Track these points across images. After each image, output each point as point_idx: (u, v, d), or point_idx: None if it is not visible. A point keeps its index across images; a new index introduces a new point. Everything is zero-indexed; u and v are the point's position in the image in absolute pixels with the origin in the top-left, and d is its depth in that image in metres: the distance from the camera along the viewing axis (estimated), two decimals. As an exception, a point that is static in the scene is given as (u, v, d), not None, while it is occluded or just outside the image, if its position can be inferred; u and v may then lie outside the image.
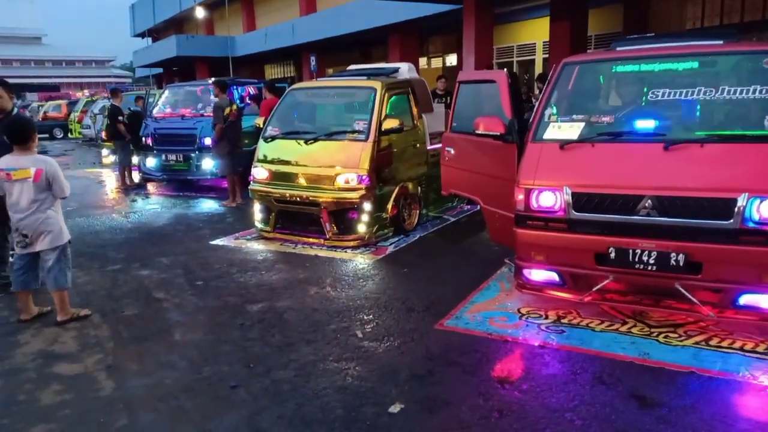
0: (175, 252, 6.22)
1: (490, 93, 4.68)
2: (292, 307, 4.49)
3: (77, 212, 8.56)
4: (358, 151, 6.09)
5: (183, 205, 9.02)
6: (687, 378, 3.24)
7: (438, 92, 10.32)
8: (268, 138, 6.69)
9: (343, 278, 5.17)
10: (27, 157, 4.29)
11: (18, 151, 4.23)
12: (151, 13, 35.50)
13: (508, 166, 4.28)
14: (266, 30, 24.46)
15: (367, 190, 6.03)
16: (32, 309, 4.42)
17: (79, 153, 18.92)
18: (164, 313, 4.50)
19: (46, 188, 4.27)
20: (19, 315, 4.38)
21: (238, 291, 4.91)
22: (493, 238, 4.89)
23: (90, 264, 5.83)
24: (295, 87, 7.26)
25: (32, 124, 4.57)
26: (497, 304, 4.41)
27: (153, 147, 10.22)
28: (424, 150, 6.94)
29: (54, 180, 4.28)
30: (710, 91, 3.82)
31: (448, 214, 7.51)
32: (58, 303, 4.37)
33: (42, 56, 72.09)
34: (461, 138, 4.94)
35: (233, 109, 8.57)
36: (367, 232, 6.15)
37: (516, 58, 17.35)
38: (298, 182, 6.32)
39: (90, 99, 23.73)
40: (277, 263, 5.73)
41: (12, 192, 4.22)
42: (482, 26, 12.31)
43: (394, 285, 4.96)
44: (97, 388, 3.37)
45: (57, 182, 4.29)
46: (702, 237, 3.50)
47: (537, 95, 10.20)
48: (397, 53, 17.59)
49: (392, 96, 6.53)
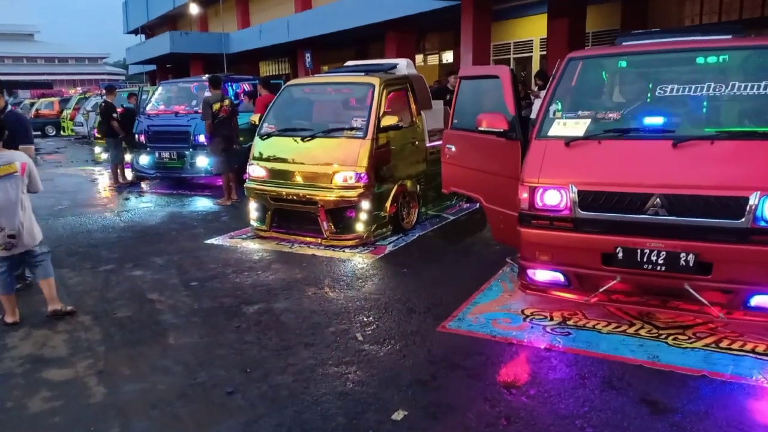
0: (169, 251, 6.08)
1: (492, 89, 4.58)
2: (290, 309, 4.37)
3: (69, 211, 8.41)
4: (356, 148, 5.96)
5: (177, 204, 8.87)
6: (699, 382, 3.14)
7: (449, 88, 10.23)
8: (264, 135, 6.55)
9: (341, 278, 5.05)
10: (6, 153, 4.14)
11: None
12: (144, 9, 35.22)
13: (512, 163, 4.17)
14: (261, 26, 24.28)
15: (365, 189, 5.91)
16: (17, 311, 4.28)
17: (71, 150, 18.70)
18: (158, 315, 4.37)
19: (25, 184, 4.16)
20: (5, 318, 4.24)
21: (234, 292, 4.79)
22: (497, 238, 4.78)
23: (81, 264, 5.69)
24: (291, 83, 7.13)
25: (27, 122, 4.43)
26: (500, 305, 4.30)
27: (146, 144, 10.06)
28: (423, 147, 6.82)
29: (31, 175, 4.19)
30: (720, 87, 3.72)
31: (447, 213, 7.40)
32: (49, 292, 4.29)
33: (35, 53, 71.47)
34: (463, 135, 4.83)
35: (224, 104, 8.31)
36: (365, 231, 6.03)
37: (513, 55, 17.26)
38: (294, 180, 6.19)
39: (82, 96, 23.43)
40: (273, 263, 5.61)
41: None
42: (480, 23, 12.22)
43: (394, 285, 4.84)
44: (88, 394, 3.25)
45: (34, 177, 4.23)
46: (712, 236, 3.40)
47: (535, 92, 10.10)
48: (393, 50, 17.47)
49: (391, 92, 6.40)
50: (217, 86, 8.50)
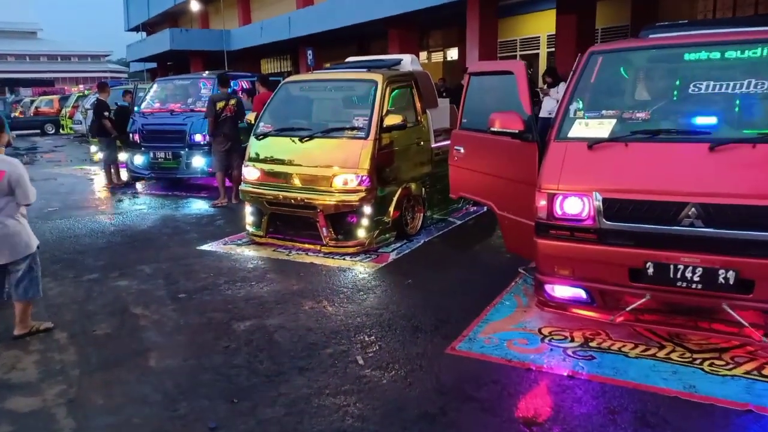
0: (159, 259, 5.72)
1: (504, 86, 4.20)
2: (284, 326, 4.01)
3: (59, 213, 8.06)
4: (357, 149, 5.59)
5: (171, 206, 8.51)
6: (744, 418, 2.77)
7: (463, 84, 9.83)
8: (259, 135, 6.18)
9: (341, 290, 4.68)
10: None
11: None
12: (145, 6, 34.81)
13: (528, 167, 3.79)
14: (262, 23, 23.89)
15: (367, 192, 5.54)
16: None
17: (69, 149, 18.39)
18: (140, 332, 4.01)
19: (8, 193, 3.78)
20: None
21: (225, 305, 4.43)
22: (510, 248, 4.40)
23: (64, 273, 5.33)
24: (289, 80, 6.75)
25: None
26: (515, 323, 3.92)
27: (141, 144, 9.70)
28: (428, 148, 6.44)
29: (17, 184, 3.80)
30: (762, 84, 3.33)
31: (453, 216, 7.03)
32: (20, 314, 3.92)
33: (37, 51, 71.12)
34: (473, 136, 4.45)
35: (230, 104, 8.07)
36: (367, 238, 5.66)
37: (519, 52, 16.86)
38: (292, 183, 5.82)
39: (82, 94, 23.12)
40: (268, 272, 5.25)
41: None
42: (486, 18, 11.83)
43: (398, 299, 4.47)
44: (55, 428, 2.89)
45: (20, 187, 3.81)
46: (754, 251, 3.03)
47: (545, 89, 9.70)
48: (396, 47, 17.04)
49: (394, 90, 6.03)
50: (225, 85, 8.40)
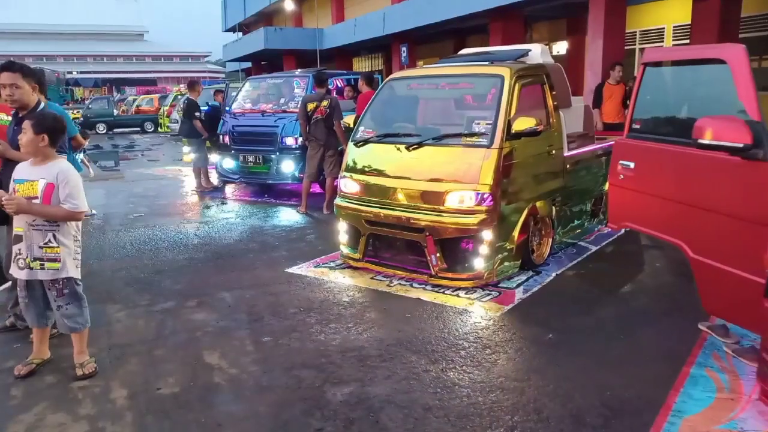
0: (243, 284, 4.95)
1: (705, 80, 3.01)
2: (393, 400, 3.03)
3: (143, 220, 7.58)
4: (477, 161, 4.54)
5: (260, 215, 7.83)
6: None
7: (609, 83, 8.57)
8: (358, 142, 5.27)
9: (461, 345, 3.66)
10: (42, 166, 3.21)
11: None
12: (242, 7, 35.42)
13: (754, 197, 2.60)
14: (355, 20, 23.27)
15: (488, 214, 4.48)
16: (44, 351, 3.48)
17: (165, 148, 18.56)
18: (213, 394, 3.17)
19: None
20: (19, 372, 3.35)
21: (317, 359, 3.52)
22: (708, 309, 3.20)
23: (137, 299, 4.65)
24: (394, 76, 5.76)
25: (56, 122, 3.34)
26: (723, 422, 2.73)
27: (230, 146, 9.13)
28: (560, 157, 5.28)
29: (66, 199, 3.15)
30: None
31: (584, 240, 5.81)
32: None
33: (143, 52, 75.29)
34: (653, 147, 3.28)
35: (321, 105, 7.30)
36: (486, 269, 4.60)
37: (638, 45, 15.06)
38: (395, 200, 4.85)
39: (179, 93, 23.56)
40: (367, 309, 4.31)
41: None
42: (614, 6, 10.36)
43: (541, 365, 3.38)
44: None
45: (69, 202, 3.15)
46: None
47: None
48: (498, 42, 15.72)
49: (524, 87, 4.91)
50: (322, 84, 7.59)
